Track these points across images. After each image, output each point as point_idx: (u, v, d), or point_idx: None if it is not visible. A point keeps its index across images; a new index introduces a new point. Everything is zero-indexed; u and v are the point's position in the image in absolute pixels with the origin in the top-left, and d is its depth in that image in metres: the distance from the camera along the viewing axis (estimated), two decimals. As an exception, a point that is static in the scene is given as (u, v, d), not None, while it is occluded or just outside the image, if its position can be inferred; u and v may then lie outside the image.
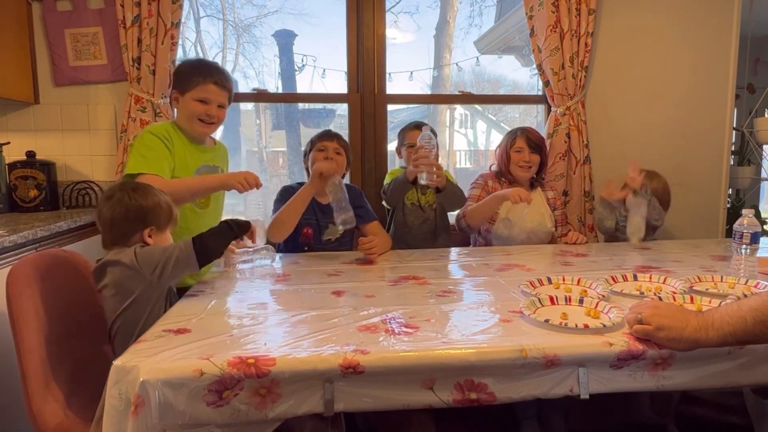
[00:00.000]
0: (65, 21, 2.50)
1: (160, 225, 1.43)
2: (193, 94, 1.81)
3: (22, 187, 2.43)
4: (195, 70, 1.82)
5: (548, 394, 1.09)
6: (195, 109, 1.81)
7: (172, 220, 1.48)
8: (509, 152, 2.35)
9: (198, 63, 1.88)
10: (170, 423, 0.98)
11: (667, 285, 1.53)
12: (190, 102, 1.81)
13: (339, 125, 3.42)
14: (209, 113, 1.82)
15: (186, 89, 1.82)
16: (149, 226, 1.41)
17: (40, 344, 1.31)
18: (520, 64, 3.74)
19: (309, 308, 1.33)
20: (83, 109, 2.59)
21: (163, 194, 1.47)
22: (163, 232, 1.45)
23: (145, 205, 1.41)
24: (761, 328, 0.98)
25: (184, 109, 1.84)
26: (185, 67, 1.86)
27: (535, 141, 2.33)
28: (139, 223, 1.40)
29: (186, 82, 1.82)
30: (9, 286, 1.31)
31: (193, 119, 1.82)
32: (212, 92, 1.81)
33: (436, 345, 1.09)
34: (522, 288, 1.48)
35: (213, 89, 1.81)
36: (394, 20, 3.21)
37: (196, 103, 1.81)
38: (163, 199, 1.45)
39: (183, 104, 1.84)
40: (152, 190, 1.45)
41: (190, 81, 1.81)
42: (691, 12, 2.78)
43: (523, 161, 2.32)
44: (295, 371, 1.01)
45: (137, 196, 1.41)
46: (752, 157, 3.34)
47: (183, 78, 1.83)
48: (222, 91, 1.84)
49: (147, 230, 1.41)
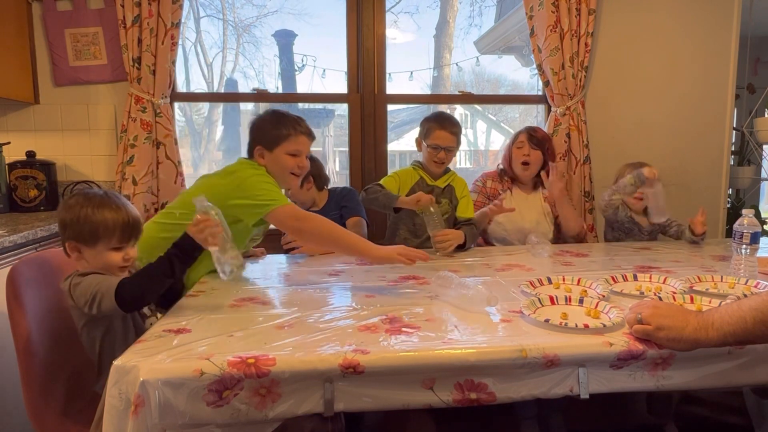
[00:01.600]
0: (65, 21, 2.51)
1: (83, 240, 1.28)
2: (284, 148, 1.75)
3: (22, 187, 2.43)
4: (282, 124, 1.76)
5: (548, 394, 1.09)
6: (288, 163, 1.76)
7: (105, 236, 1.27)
8: (512, 149, 2.36)
9: (281, 116, 1.80)
10: (170, 423, 0.98)
11: (667, 285, 1.53)
12: (282, 156, 1.75)
13: (339, 125, 3.42)
14: (302, 165, 1.79)
15: (275, 144, 1.75)
16: (69, 240, 1.29)
17: (40, 345, 1.31)
18: (520, 64, 3.74)
19: (309, 308, 1.33)
20: (83, 109, 2.59)
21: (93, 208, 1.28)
22: (92, 248, 1.28)
23: (65, 217, 1.28)
24: (761, 328, 0.98)
25: (274, 165, 1.76)
26: (269, 120, 1.79)
27: (537, 137, 2.32)
28: (63, 233, 1.30)
29: (274, 136, 1.75)
30: (9, 286, 1.31)
31: (285, 173, 1.78)
32: (303, 144, 1.78)
33: (436, 345, 1.09)
34: (522, 288, 1.48)
35: (303, 141, 1.78)
36: (394, 20, 3.21)
37: (288, 157, 1.76)
38: (84, 212, 1.27)
39: (273, 160, 1.76)
40: (84, 199, 1.30)
41: (278, 134, 1.75)
42: (691, 12, 2.78)
43: (523, 155, 2.31)
44: (295, 371, 1.01)
45: (66, 204, 1.30)
46: (752, 157, 3.35)
47: (270, 132, 1.76)
48: (310, 141, 1.82)
49: (68, 245, 1.29)
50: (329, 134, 3.63)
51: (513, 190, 2.38)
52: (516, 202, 2.33)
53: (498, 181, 2.39)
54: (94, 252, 1.29)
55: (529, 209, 2.35)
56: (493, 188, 2.38)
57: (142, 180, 2.47)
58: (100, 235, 1.27)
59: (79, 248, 1.29)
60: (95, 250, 1.29)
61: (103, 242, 1.28)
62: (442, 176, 2.24)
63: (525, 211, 2.32)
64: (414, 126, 2.33)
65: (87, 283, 1.23)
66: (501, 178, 2.40)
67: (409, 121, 3.72)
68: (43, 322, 1.35)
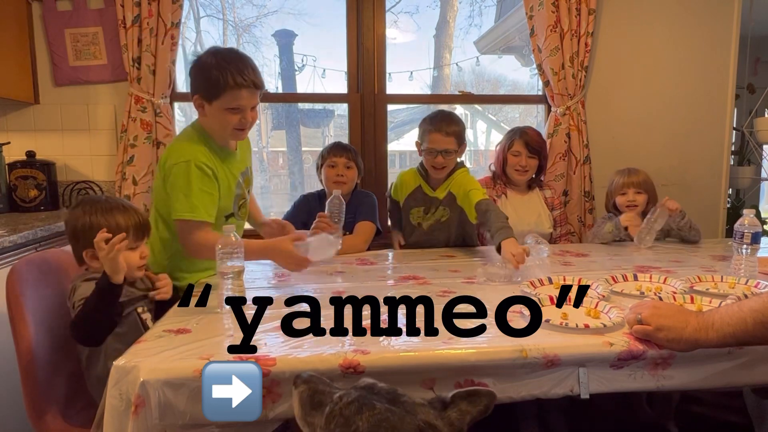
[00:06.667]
0: (65, 21, 2.50)
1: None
2: (223, 104, 1.53)
3: (22, 187, 2.43)
4: (221, 73, 1.51)
5: (548, 394, 1.09)
6: (229, 120, 1.56)
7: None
8: (506, 154, 2.31)
9: (222, 61, 1.53)
10: (170, 423, 0.99)
11: (667, 285, 1.52)
12: (221, 112, 1.55)
13: (339, 125, 3.42)
14: (244, 120, 1.58)
15: (214, 97, 1.54)
16: (86, 248, 1.32)
17: (40, 345, 1.31)
18: (520, 64, 3.75)
19: (309, 308, 1.33)
20: (83, 109, 2.58)
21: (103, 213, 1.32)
22: None
23: (75, 225, 1.32)
24: (761, 329, 0.98)
25: (214, 119, 1.58)
26: (208, 68, 1.52)
27: (533, 145, 2.26)
28: (75, 243, 1.34)
29: (212, 89, 1.53)
30: (9, 286, 1.31)
31: (227, 129, 1.59)
32: (245, 98, 1.55)
33: (436, 345, 1.09)
34: (522, 288, 1.48)
35: (246, 95, 1.54)
36: (394, 20, 3.21)
37: (229, 114, 1.55)
38: (96, 219, 1.31)
39: (212, 114, 1.57)
40: (88, 207, 1.32)
41: (217, 87, 1.51)
42: (691, 12, 2.78)
43: (520, 165, 2.27)
44: (295, 371, 1.00)
45: (72, 214, 1.33)
46: (752, 157, 3.34)
47: (207, 82, 1.53)
48: (255, 93, 1.57)
49: (85, 253, 1.32)
50: (329, 134, 3.63)
51: (507, 194, 2.34)
52: (512, 205, 2.30)
53: (491, 187, 2.34)
54: None
55: (527, 211, 2.32)
56: (489, 196, 2.32)
57: (142, 180, 2.46)
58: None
59: (96, 255, 1.27)
60: None
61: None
62: (442, 183, 2.10)
63: (523, 214, 2.29)
64: (414, 126, 2.30)
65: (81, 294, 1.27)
66: (494, 183, 2.36)
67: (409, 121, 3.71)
68: (43, 322, 1.35)
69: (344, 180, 2.11)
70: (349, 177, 2.12)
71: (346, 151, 2.16)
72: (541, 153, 2.31)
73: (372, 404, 0.71)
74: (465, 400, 0.78)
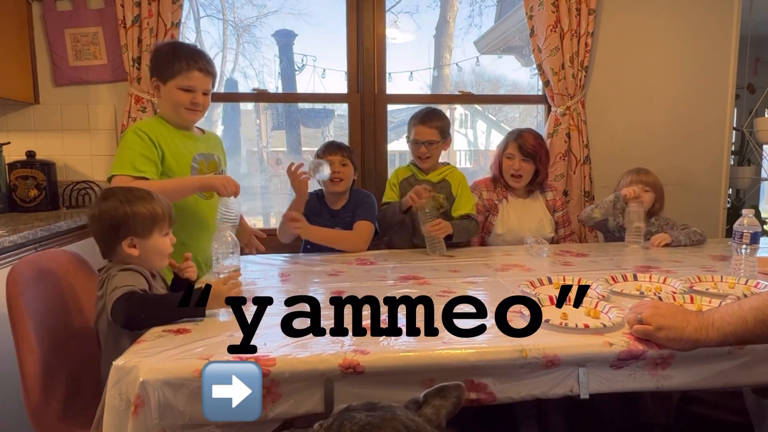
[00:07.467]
0: (65, 21, 2.50)
1: (138, 232, 1.31)
2: (176, 83, 1.71)
3: (22, 187, 2.43)
4: (175, 56, 1.71)
5: (548, 394, 1.09)
6: (180, 99, 1.73)
7: (158, 224, 1.34)
8: (502, 157, 2.29)
9: (177, 47, 1.77)
10: (170, 423, 0.98)
11: (667, 285, 1.52)
12: (174, 91, 1.72)
13: (339, 125, 3.42)
14: (195, 101, 1.74)
15: (168, 77, 1.72)
16: (126, 237, 1.31)
17: (40, 345, 1.31)
18: (520, 64, 3.74)
19: (309, 308, 1.33)
20: (83, 109, 2.59)
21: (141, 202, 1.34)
22: (149, 239, 1.33)
23: (115, 216, 1.30)
24: (762, 327, 0.98)
25: (167, 98, 1.75)
26: (164, 52, 1.75)
27: (527, 148, 2.21)
28: (113, 234, 1.31)
29: (167, 69, 1.72)
30: (9, 286, 1.31)
31: (179, 108, 1.75)
32: (197, 79, 1.73)
33: (436, 345, 1.09)
34: (522, 288, 1.48)
35: (197, 76, 1.72)
36: (394, 20, 3.21)
37: (180, 92, 1.72)
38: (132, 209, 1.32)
39: (166, 93, 1.74)
40: (122, 197, 1.33)
41: (171, 68, 1.71)
42: (691, 12, 2.78)
43: (513, 169, 2.24)
44: (295, 371, 1.01)
45: (106, 206, 1.31)
46: (752, 157, 3.35)
47: (163, 64, 1.73)
48: (207, 78, 1.75)
49: (125, 242, 1.31)
50: (329, 134, 3.63)
51: (508, 198, 2.31)
52: (513, 209, 2.29)
53: (492, 189, 2.33)
54: (149, 242, 1.33)
55: (528, 216, 2.30)
56: (489, 200, 2.30)
57: (142, 180, 2.47)
58: (156, 224, 1.33)
59: (135, 243, 1.31)
60: (151, 240, 1.33)
61: (158, 231, 1.34)
62: (434, 170, 2.23)
63: (524, 219, 2.28)
64: (414, 126, 2.33)
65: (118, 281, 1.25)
66: (495, 186, 2.34)
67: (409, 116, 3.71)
68: (43, 322, 1.35)
69: (341, 177, 2.12)
70: (346, 174, 2.14)
71: (341, 149, 2.18)
72: (537, 157, 2.23)
73: (351, 417, 0.72)
74: (436, 396, 0.80)
